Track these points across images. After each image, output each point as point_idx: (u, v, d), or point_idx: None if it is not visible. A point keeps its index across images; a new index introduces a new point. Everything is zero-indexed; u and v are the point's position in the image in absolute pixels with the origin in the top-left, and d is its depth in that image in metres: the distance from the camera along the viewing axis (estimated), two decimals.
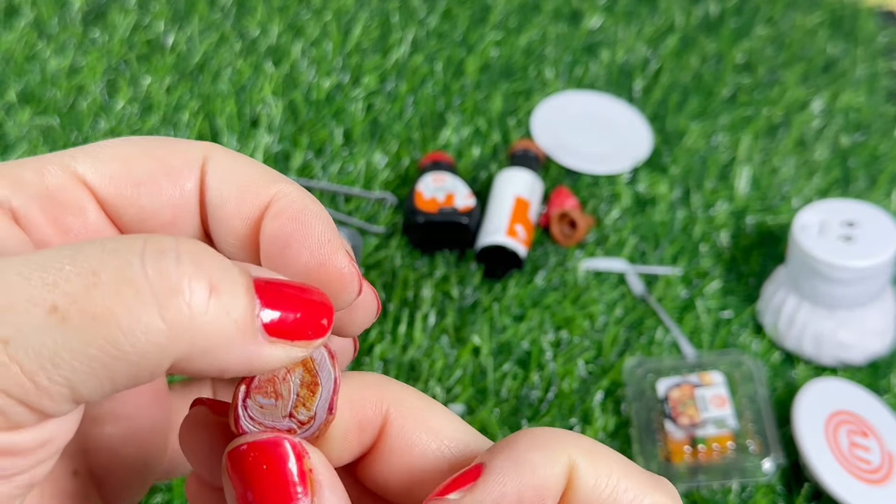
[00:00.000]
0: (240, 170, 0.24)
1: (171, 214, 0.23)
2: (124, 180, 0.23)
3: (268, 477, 0.21)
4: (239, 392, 0.20)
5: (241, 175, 0.23)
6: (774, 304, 0.59)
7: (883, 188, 0.71)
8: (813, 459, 0.49)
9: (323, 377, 0.20)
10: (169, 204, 0.23)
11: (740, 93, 0.79)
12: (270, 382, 0.20)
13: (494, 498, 0.20)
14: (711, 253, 0.65)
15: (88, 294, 0.18)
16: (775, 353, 0.59)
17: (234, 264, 0.21)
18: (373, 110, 0.74)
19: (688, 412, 0.52)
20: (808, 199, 0.69)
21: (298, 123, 0.72)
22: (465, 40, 0.82)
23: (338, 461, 0.22)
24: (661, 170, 0.71)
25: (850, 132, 0.76)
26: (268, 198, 0.23)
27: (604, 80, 0.79)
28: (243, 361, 0.20)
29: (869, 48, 0.85)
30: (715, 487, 0.51)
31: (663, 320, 0.60)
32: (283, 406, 0.20)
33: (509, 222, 0.62)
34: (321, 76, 0.76)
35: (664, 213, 0.67)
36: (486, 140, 0.72)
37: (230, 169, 0.24)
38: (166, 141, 0.24)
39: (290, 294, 0.22)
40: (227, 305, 0.19)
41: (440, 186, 0.64)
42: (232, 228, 0.23)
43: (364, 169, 0.69)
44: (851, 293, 0.56)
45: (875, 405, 0.54)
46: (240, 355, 0.20)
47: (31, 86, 0.72)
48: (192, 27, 0.79)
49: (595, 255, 0.64)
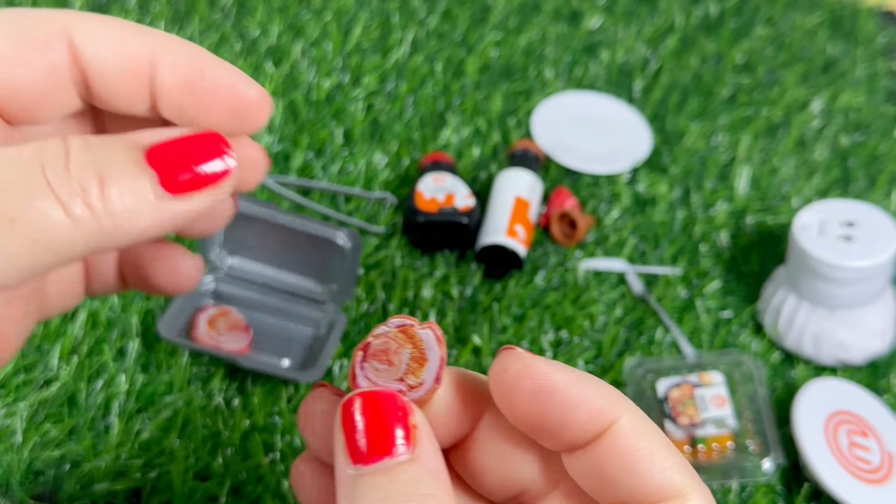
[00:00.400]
0: (112, 31, 0.26)
1: (44, 86, 0.26)
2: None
3: (376, 426, 0.23)
4: (357, 356, 0.23)
5: (115, 37, 0.26)
6: (774, 304, 0.59)
7: (882, 188, 0.71)
8: (812, 459, 0.50)
9: (430, 355, 0.24)
10: (41, 77, 0.25)
11: (740, 93, 0.79)
12: (384, 353, 0.24)
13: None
14: (711, 253, 0.65)
15: (3, 202, 0.22)
16: (775, 353, 0.59)
17: (121, 145, 0.25)
18: (373, 110, 0.74)
19: (687, 412, 0.52)
20: (807, 199, 0.69)
21: (298, 123, 0.72)
22: (465, 40, 0.82)
23: (438, 439, 0.24)
24: (661, 170, 0.71)
25: (849, 132, 0.76)
26: (149, 53, 0.26)
27: (603, 80, 0.79)
28: (158, 226, 0.24)
29: (868, 48, 0.86)
30: (715, 487, 0.51)
31: (663, 320, 0.60)
32: (395, 372, 0.24)
33: (509, 222, 0.62)
34: (321, 76, 0.76)
35: (664, 213, 0.67)
36: (486, 140, 0.72)
37: (101, 33, 0.26)
38: (26, 13, 0.26)
39: (182, 150, 0.25)
40: (121, 192, 0.23)
41: (440, 186, 0.64)
42: (122, 89, 0.26)
43: (364, 169, 0.69)
44: (851, 293, 0.56)
45: (875, 405, 0.54)
46: (152, 222, 0.24)
47: None
48: (193, 27, 0.79)
49: (595, 255, 0.64)
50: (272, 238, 0.55)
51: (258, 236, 0.56)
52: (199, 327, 0.54)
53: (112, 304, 0.57)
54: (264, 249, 0.57)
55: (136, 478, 0.48)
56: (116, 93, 0.27)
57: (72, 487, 0.48)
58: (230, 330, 0.55)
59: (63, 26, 0.26)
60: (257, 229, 0.55)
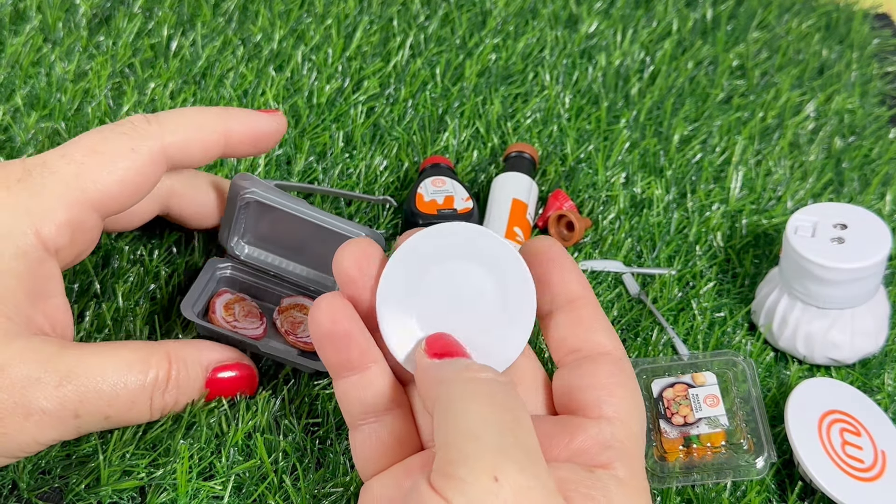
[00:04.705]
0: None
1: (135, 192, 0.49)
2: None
3: (448, 344, 0.40)
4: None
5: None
6: (768, 304, 0.60)
7: (875, 191, 0.72)
8: (805, 458, 0.50)
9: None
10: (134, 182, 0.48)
11: (735, 96, 0.80)
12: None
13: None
14: (706, 254, 0.66)
15: (110, 410, 0.47)
16: (768, 353, 0.60)
17: (196, 374, 0.48)
18: (373, 114, 0.75)
19: (681, 411, 0.53)
20: (801, 202, 0.70)
21: (300, 128, 0.73)
22: (464, 45, 0.83)
23: None
24: (657, 172, 0.72)
25: (843, 135, 0.77)
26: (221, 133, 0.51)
27: (600, 83, 0.80)
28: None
29: (862, 52, 0.86)
30: (709, 485, 0.52)
31: (659, 321, 0.61)
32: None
33: (508, 225, 0.63)
34: (322, 81, 0.77)
35: (660, 215, 0.68)
36: (484, 143, 0.73)
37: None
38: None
39: (227, 380, 0.51)
40: (184, 402, 0.50)
41: (439, 189, 0.65)
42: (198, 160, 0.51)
43: (365, 172, 0.70)
44: (844, 294, 0.57)
45: (867, 404, 0.55)
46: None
47: (37, 90, 0.73)
48: (196, 33, 0.80)
49: (592, 257, 0.65)
50: (293, 230, 0.56)
51: (280, 227, 0.56)
52: (217, 311, 0.54)
53: (117, 305, 0.58)
54: (284, 241, 0.57)
55: (142, 477, 0.49)
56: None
57: (78, 486, 0.48)
58: (247, 316, 0.56)
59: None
60: (279, 221, 0.56)
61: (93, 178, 0.45)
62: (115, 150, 0.46)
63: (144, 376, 0.45)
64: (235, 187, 0.54)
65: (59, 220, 0.44)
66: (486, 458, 0.30)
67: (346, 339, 0.40)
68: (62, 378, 0.42)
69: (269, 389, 0.54)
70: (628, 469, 0.38)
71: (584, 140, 0.74)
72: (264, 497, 0.50)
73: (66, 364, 0.43)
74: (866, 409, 0.54)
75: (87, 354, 0.44)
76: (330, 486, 0.50)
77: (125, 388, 0.44)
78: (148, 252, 0.61)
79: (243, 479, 0.50)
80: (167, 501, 0.49)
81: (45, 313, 0.45)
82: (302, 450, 0.52)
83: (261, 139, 0.51)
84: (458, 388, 0.34)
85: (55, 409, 0.43)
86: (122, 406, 0.44)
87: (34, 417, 0.42)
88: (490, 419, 0.32)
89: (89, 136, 0.46)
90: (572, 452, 0.38)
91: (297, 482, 0.50)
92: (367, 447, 0.42)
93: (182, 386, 0.47)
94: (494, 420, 0.32)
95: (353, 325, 0.39)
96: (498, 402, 0.33)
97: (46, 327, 0.46)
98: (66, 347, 0.43)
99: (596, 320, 0.42)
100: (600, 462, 0.38)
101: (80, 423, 0.44)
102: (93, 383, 0.43)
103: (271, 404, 0.53)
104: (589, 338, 0.41)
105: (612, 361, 0.41)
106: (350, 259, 0.40)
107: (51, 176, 0.45)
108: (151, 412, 0.47)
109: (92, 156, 0.45)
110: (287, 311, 0.57)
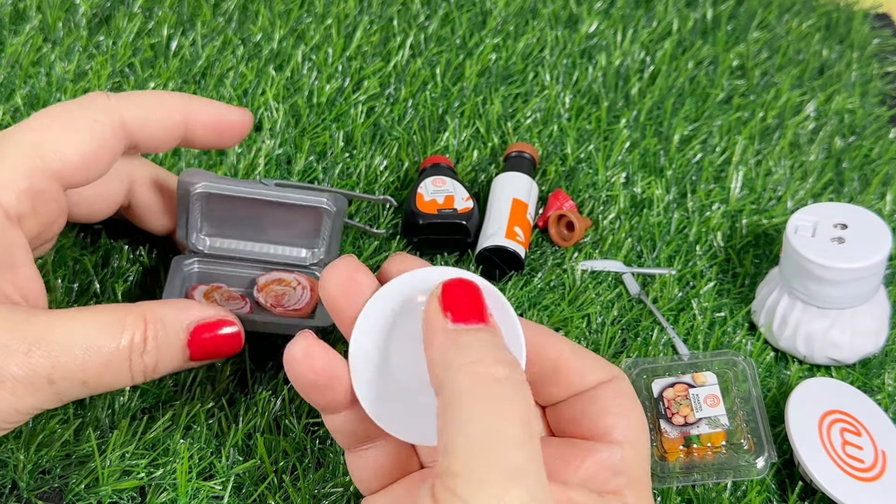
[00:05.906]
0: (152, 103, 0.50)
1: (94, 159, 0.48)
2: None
3: (466, 297, 0.34)
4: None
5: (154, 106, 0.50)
6: (768, 304, 0.60)
7: (876, 191, 0.72)
8: (806, 457, 0.50)
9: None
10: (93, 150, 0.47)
11: (735, 96, 0.80)
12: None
13: None
14: (706, 254, 0.66)
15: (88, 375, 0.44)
16: (769, 353, 0.60)
17: (174, 336, 0.46)
18: (374, 114, 0.75)
19: (682, 411, 0.53)
20: (801, 202, 0.70)
21: (300, 127, 0.73)
22: (464, 44, 0.83)
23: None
24: (658, 172, 0.72)
25: (843, 135, 0.77)
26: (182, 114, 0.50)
27: (600, 83, 0.80)
28: (174, 371, 0.48)
29: (863, 52, 0.86)
30: (709, 485, 0.52)
31: (659, 321, 0.61)
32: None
33: (508, 224, 0.63)
34: (323, 80, 0.77)
35: (660, 215, 0.68)
36: (485, 143, 0.73)
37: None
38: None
39: (210, 340, 0.47)
40: (167, 366, 0.46)
41: (440, 189, 0.65)
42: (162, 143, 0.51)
43: (365, 172, 0.70)
44: (844, 294, 0.57)
45: (867, 404, 0.55)
46: (171, 371, 0.47)
47: (37, 90, 0.73)
48: (196, 32, 0.80)
49: (592, 257, 0.65)
50: (251, 213, 0.55)
51: (237, 213, 0.56)
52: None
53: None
54: (244, 225, 0.56)
55: (141, 477, 0.49)
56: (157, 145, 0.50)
57: (77, 486, 0.48)
58: (228, 300, 0.55)
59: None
60: (234, 207, 0.55)
61: (53, 147, 0.44)
62: (77, 120, 0.45)
63: (118, 338, 0.43)
64: (184, 184, 0.54)
65: (20, 187, 0.43)
66: (495, 482, 0.29)
67: (329, 382, 0.38)
68: (31, 344, 0.41)
69: (270, 389, 0.54)
70: (637, 495, 0.38)
71: (584, 140, 0.74)
72: (264, 497, 0.50)
73: (34, 330, 0.42)
74: (866, 409, 0.54)
75: (57, 320, 0.43)
76: (330, 486, 0.50)
77: (99, 352, 0.42)
78: (147, 252, 0.61)
79: (243, 479, 0.50)
80: (167, 501, 0.49)
81: (15, 283, 0.44)
82: (302, 450, 0.52)
83: (224, 129, 0.50)
84: (468, 382, 0.31)
85: (27, 375, 0.41)
86: (97, 370, 0.43)
87: (7, 385, 0.41)
88: (501, 431, 0.30)
89: (51, 109, 0.46)
90: (582, 477, 0.38)
91: (297, 482, 0.50)
92: (364, 470, 0.41)
93: (161, 347, 0.45)
94: (506, 434, 0.30)
95: (333, 366, 0.38)
96: (511, 411, 0.31)
97: (16, 297, 0.44)
98: (35, 314, 0.43)
99: (581, 363, 0.40)
100: (610, 488, 0.38)
101: (58, 389, 0.42)
102: (64, 348, 0.42)
103: (271, 404, 0.53)
104: (584, 383, 0.40)
105: (616, 385, 0.40)
106: (335, 286, 0.38)
107: (11, 144, 0.44)
108: (133, 376, 0.44)
109: (53, 126, 0.45)
110: (267, 287, 0.56)
